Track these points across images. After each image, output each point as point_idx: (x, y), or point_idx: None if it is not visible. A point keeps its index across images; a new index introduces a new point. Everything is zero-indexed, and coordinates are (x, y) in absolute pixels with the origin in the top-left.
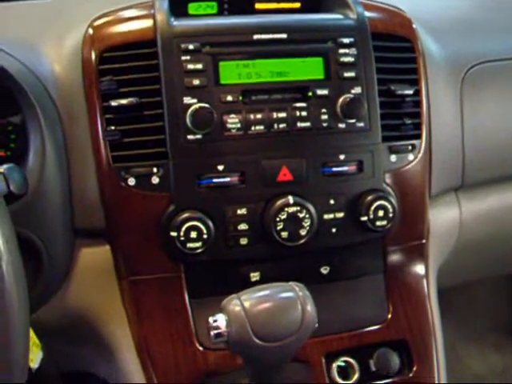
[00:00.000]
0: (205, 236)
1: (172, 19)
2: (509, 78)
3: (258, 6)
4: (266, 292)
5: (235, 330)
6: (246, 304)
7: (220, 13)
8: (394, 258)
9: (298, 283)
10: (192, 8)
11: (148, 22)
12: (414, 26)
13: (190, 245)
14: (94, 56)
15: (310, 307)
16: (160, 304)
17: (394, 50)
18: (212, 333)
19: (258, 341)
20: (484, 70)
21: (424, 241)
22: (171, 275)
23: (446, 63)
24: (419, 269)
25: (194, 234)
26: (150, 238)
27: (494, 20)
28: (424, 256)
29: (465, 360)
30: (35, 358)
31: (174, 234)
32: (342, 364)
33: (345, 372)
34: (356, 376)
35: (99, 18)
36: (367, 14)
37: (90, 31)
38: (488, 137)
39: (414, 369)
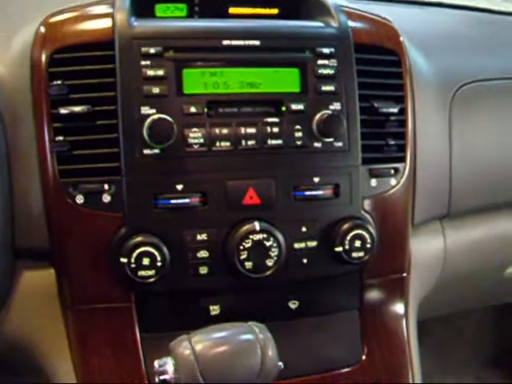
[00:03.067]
0: (158, 263)
1: (132, 19)
2: (501, 99)
3: (231, 10)
4: (222, 334)
5: (183, 376)
6: (198, 347)
7: (190, 16)
8: (371, 292)
9: (259, 324)
10: (159, 10)
11: (106, 22)
12: (401, 38)
13: (141, 273)
14: (44, 57)
15: (271, 351)
16: (108, 338)
17: (378, 63)
18: (157, 379)
19: None
20: (475, 90)
21: (405, 274)
22: (121, 305)
23: (434, 80)
24: (398, 305)
25: (146, 261)
26: (98, 263)
27: (486, 37)
28: (404, 291)
29: None
30: None
31: (124, 260)
32: None
33: None
34: None
35: (54, 15)
36: (350, 23)
37: (42, 29)
38: (478, 161)
39: None
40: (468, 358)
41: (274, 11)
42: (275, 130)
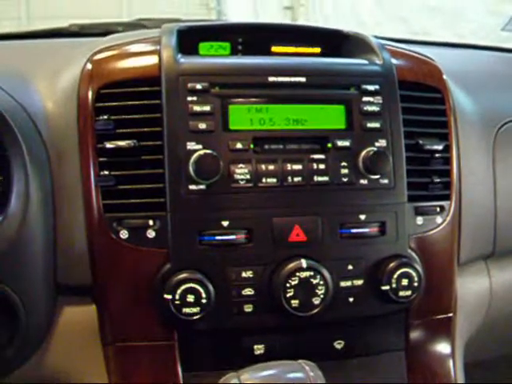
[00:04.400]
0: (203, 301)
1: (179, 56)
2: None
3: (274, 48)
4: (271, 371)
5: None
6: None
7: (233, 55)
8: (417, 333)
9: (309, 362)
10: (203, 48)
11: (152, 58)
12: (444, 76)
13: (185, 310)
14: (91, 93)
15: None
16: (149, 377)
17: (422, 100)
18: None
19: None
20: None
21: (451, 314)
22: (163, 343)
23: (477, 118)
24: (445, 346)
25: (191, 298)
26: (141, 300)
27: None
28: (450, 331)
29: None
30: None
31: (168, 296)
32: None
33: None
34: None
35: (100, 52)
36: (394, 60)
37: (89, 66)
38: None
39: None
40: None
41: (317, 50)
42: (321, 166)
